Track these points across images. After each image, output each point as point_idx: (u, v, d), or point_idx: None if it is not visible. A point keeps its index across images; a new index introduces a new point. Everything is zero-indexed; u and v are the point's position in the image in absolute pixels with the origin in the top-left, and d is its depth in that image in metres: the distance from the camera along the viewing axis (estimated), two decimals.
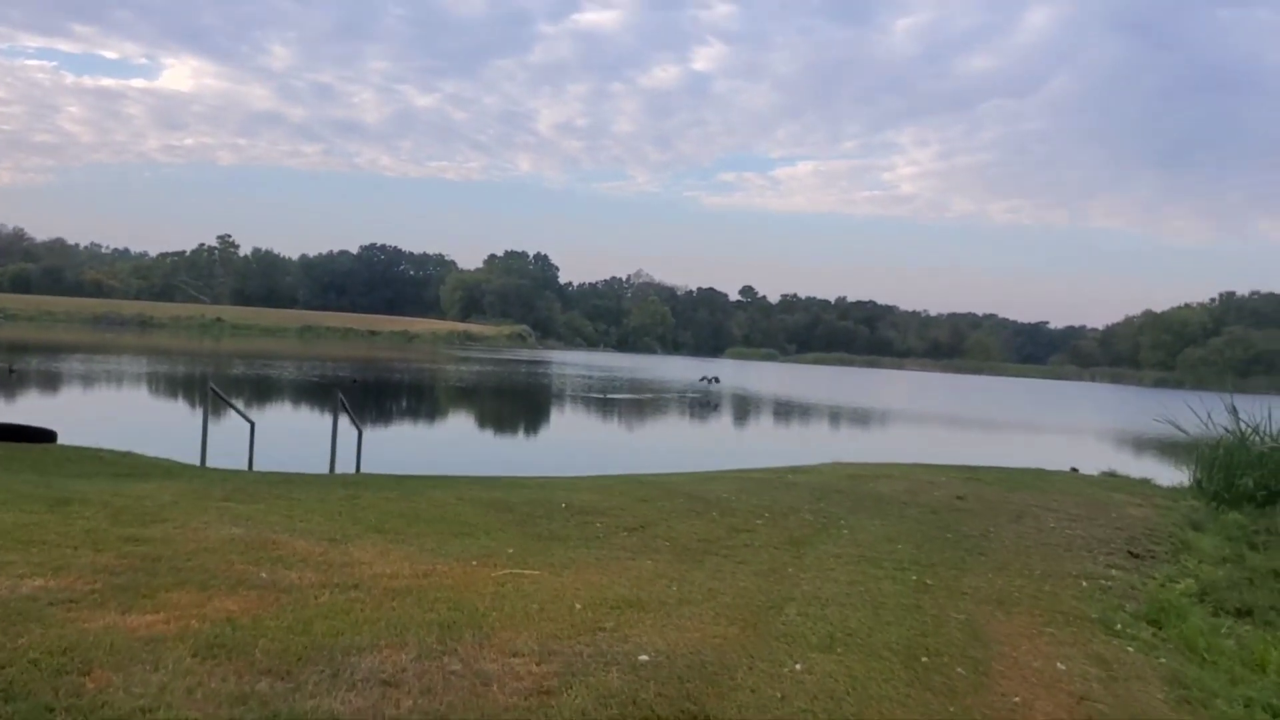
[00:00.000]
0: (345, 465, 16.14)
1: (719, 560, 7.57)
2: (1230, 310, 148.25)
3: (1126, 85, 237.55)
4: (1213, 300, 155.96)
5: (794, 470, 13.63)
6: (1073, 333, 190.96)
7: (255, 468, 15.14)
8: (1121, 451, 32.33)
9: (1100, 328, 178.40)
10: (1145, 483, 15.84)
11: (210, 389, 13.97)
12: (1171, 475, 21.05)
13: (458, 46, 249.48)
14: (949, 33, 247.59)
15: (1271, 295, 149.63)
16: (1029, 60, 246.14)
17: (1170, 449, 33.15)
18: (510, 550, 7.49)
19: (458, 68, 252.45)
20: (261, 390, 37.68)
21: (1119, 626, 6.57)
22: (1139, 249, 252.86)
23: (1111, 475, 16.87)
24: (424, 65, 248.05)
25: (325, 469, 14.81)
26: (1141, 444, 35.40)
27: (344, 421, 15.79)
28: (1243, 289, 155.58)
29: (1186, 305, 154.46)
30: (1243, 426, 14.59)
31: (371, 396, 38.32)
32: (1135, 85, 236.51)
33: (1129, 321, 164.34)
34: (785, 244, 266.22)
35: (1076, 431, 42.27)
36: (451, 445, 23.60)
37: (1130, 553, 9.13)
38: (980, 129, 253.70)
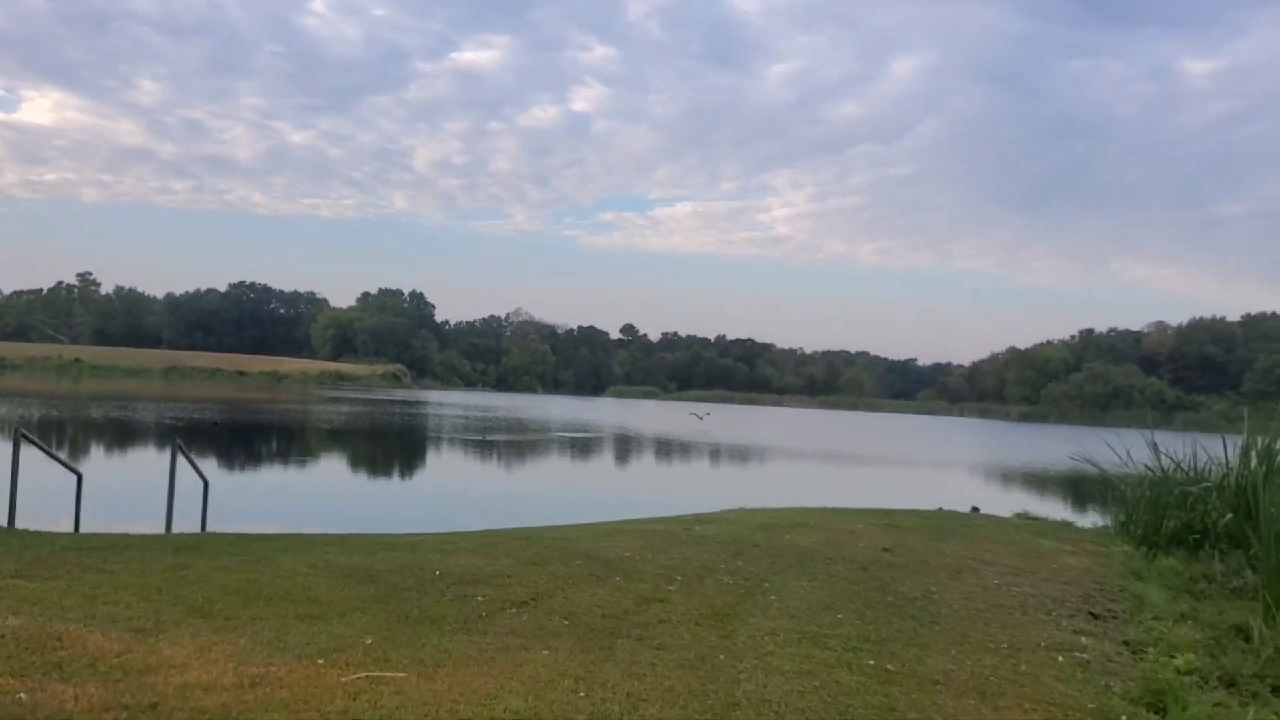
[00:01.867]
0: (189, 522, 14.22)
1: (632, 646, 6.14)
2: (1090, 347, 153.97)
3: (988, 132, 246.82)
4: (1073, 337, 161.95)
5: (699, 519, 12.30)
6: (940, 369, 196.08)
7: (82, 528, 13.13)
8: (1015, 488, 32.08)
9: (967, 364, 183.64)
10: (1067, 525, 15.03)
11: (20, 433, 11.92)
12: (1074, 514, 20.53)
13: (334, 84, 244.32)
14: (821, 80, 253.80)
15: (1127, 332, 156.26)
16: (896, 108, 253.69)
17: (1066, 485, 33.18)
18: (369, 640, 5.94)
19: (333, 104, 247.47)
20: (110, 435, 34.78)
21: (1123, 719, 5.39)
22: (1002, 289, 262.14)
23: (1027, 517, 16.03)
24: (299, 102, 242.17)
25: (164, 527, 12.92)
26: (1032, 480, 35.38)
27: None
28: (1101, 326, 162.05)
29: (1049, 342, 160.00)
30: (1165, 464, 13.84)
31: (234, 440, 35.75)
32: (997, 132, 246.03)
33: (994, 358, 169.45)
34: (665, 283, 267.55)
35: (962, 466, 42.21)
36: (314, 496, 21.61)
37: (1091, 613, 8.05)
38: (851, 173, 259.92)
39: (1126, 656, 6.92)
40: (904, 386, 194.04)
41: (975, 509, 19.68)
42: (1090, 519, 17.88)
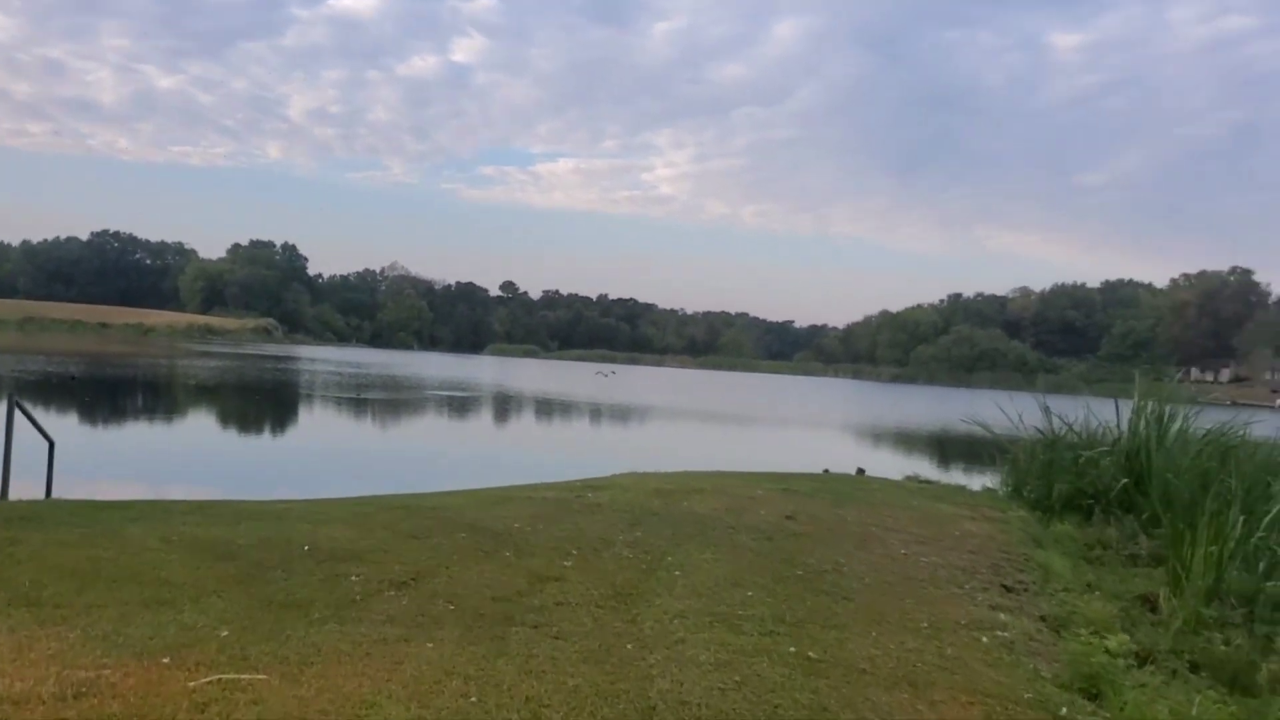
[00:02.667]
0: (32, 488, 12.96)
1: (528, 634, 5.49)
2: (957, 311, 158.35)
3: (866, 99, 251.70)
4: (942, 301, 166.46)
5: (591, 485, 11.68)
6: (816, 331, 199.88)
7: None
8: (896, 449, 32.39)
9: (841, 327, 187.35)
10: (960, 490, 14.89)
11: None
12: (960, 477, 20.63)
13: (205, 27, 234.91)
14: (704, 39, 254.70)
15: (993, 297, 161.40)
16: (778, 70, 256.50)
17: (945, 446, 33.68)
18: (224, 632, 5.17)
19: (205, 49, 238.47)
20: None
21: (1064, 711, 5.00)
22: (876, 253, 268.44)
23: (919, 480, 15.87)
24: (168, 45, 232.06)
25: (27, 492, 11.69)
26: (911, 440, 35.84)
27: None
28: (968, 291, 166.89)
29: (919, 306, 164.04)
30: (1056, 428, 13.78)
31: (92, 395, 33.66)
32: (874, 99, 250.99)
33: (867, 321, 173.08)
34: (547, 240, 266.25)
35: (842, 427, 42.64)
36: (176, 458, 20.28)
37: (1004, 586, 7.74)
38: (733, 135, 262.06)
39: (1047, 635, 6.59)
40: (781, 348, 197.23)
41: (861, 470, 19.59)
42: (975, 481, 17.93)
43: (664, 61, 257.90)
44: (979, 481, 18.84)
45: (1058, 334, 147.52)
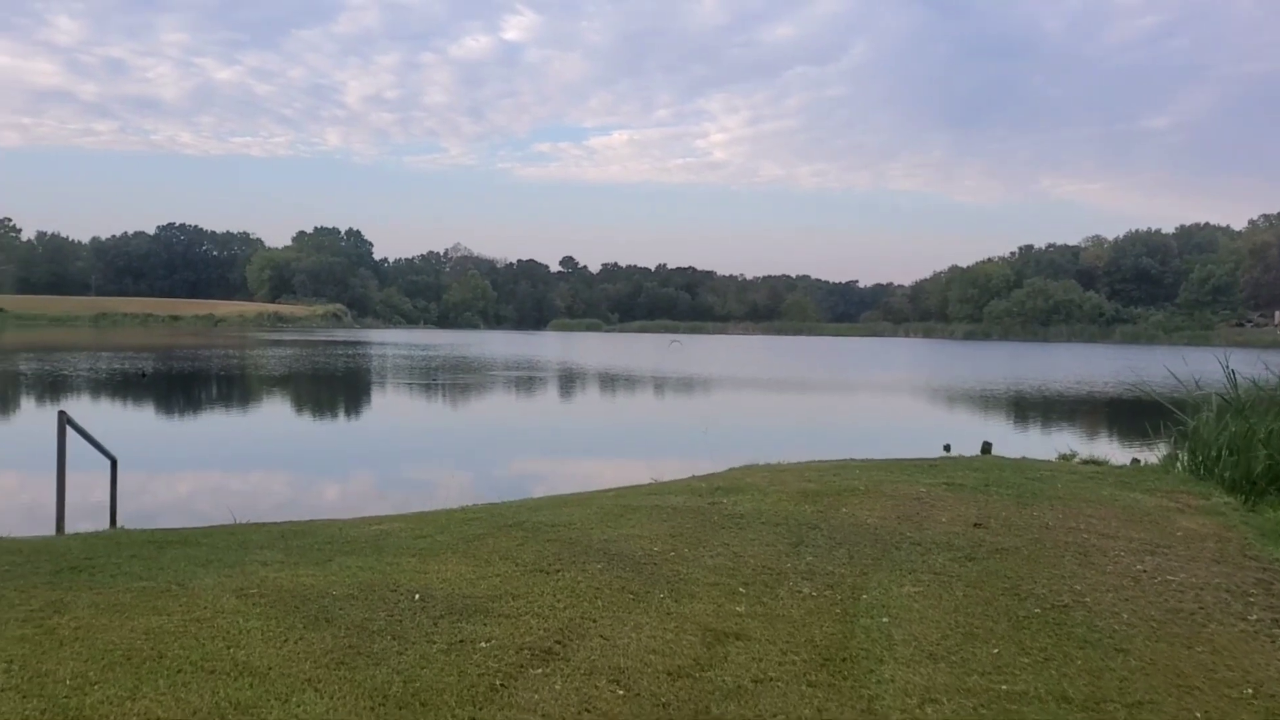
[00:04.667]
0: (96, 507, 11.81)
1: None
2: (1029, 263, 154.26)
3: (920, 51, 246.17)
4: (1013, 254, 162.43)
5: (719, 486, 10.13)
6: (882, 290, 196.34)
7: None
8: (1010, 416, 30.39)
9: (907, 285, 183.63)
10: (1140, 471, 13.05)
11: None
12: (1101, 447, 18.79)
13: (259, 17, 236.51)
14: (753, 2, 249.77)
15: (1065, 247, 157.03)
16: (829, 28, 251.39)
17: (1064, 409, 31.64)
18: None
19: (259, 39, 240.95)
20: (31, 392, 31.75)
21: None
22: (937, 208, 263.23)
23: (1082, 461, 14.08)
24: (224, 37, 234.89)
25: (90, 516, 10.53)
26: (1025, 405, 33.75)
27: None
28: (1039, 242, 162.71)
29: (989, 260, 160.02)
30: (1242, 391, 11.88)
31: (165, 392, 32.93)
32: (928, 51, 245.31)
33: (936, 278, 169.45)
34: (604, 213, 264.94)
35: (939, 391, 40.57)
36: (249, 458, 19.14)
37: None
38: (786, 96, 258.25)
39: None
40: (846, 309, 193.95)
41: (987, 446, 17.88)
42: (1119, 452, 16.13)
43: (714, 27, 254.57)
44: (1123, 454, 17.03)
45: (1132, 282, 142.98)
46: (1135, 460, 15.17)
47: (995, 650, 5.17)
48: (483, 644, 5.14)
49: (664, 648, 5.14)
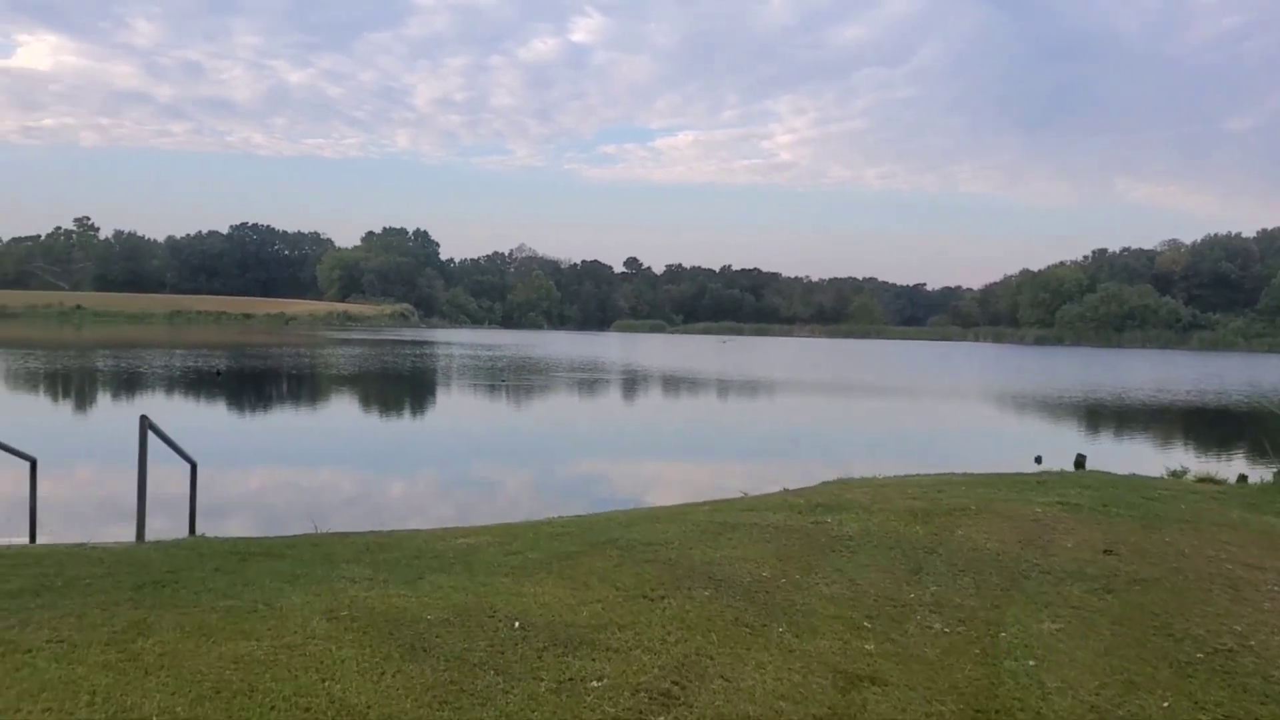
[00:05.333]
0: (174, 513, 11.64)
1: None
2: (1103, 267, 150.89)
3: (990, 53, 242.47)
4: (1086, 258, 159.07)
5: (816, 504, 9.61)
6: (950, 294, 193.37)
7: (39, 532, 10.57)
8: (1098, 426, 29.37)
9: (976, 288, 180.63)
10: (1265, 489, 12.24)
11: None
12: (1199, 461, 17.94)
13: (331, 20, 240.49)
14: (822, 3, 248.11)
15: (1139, 251, 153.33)
16: (899, 29, 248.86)
17: (1152, 420, 30.50)
18: None
19: (332, 42, 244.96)
20: (114, 385, 32.18)
21: None
22: (1006, 210, 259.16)
23: (1200, 480, 13.31)
24: (297, 40, 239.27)
25: (161, 522, 10.33)
26: (1110, 414, 32.63)
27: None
28: (1113, 246, 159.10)
29: (1061, 264, 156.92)
30: None
31: (238, 390, 33.15)
32: (999, 52, 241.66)
33: (1006, 281, 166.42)
34: (668, 214, 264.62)
35: (1021, 399, 39.48)
36: (329, 458, 18.98)
37: None
38: (854, 97, 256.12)
39: None
40: (914, 312, 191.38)
41: (1081, 459, 17.17)
42: (1224, 467, 15.29)
43: (782, 27, 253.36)
44: (1226, 468, 16.19)
45: (1210, 288, 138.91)
46: (1243, 477, 14.38)
47: (1166, 704, 4.62)
48: (594, 683, 4.71)
49: (793, 693, 4.67)
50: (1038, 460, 18.30)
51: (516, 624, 5.54)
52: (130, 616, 5.49)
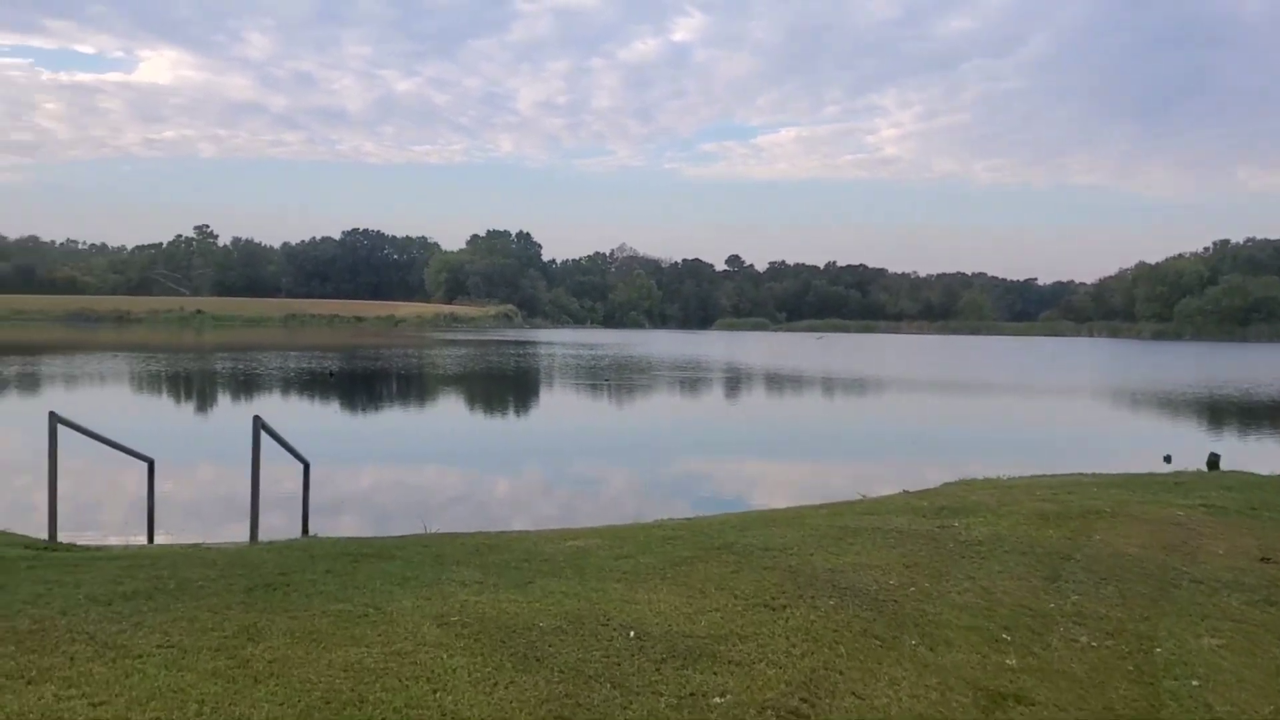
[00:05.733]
0: (287, 513, 11.74)
1: None
2: (1225, 259, 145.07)
3: (1102, 41, 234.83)
4: (1206, 249, 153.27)
5: (941, 507, 9.18)
6: (1062, 288, 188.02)
7: (157, 532, 10.74)
8: (1225, 425, 27.96)
9: (1090, 282, 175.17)
10: None
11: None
12: None
13: (436, 28, 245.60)
14: None
15: (1266, 242, 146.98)
16: (1007, 19, 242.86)
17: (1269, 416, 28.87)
18: None
19: (437, 50, 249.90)
20: (235, 387, 33.12)
21: None
22: (1119, 202, 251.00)
23: None
24: (404, 49, 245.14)
25: (275, 520, 10.41)
26: (1235, 412, 31.07)
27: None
28: (1236, 237, 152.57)
29: (1180, 256, 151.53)
30: None
31: (350, 390, 33.78)
32: (1111, 41, 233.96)
33: (1121, 275, 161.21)
34: (770, 211, 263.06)
35: (1146, 396, 37.93)
36: (436, 457, 19.10)
37: None
38: (961, 89, 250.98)
39: None
40: (1025, 307, 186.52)
41: (1215, 458, 16.28)
42: None
43: (885, 21, 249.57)
44: None
45: None
46: None
47: None
48: (716, 699, 4.44)
49: (932, 711, 4.33)
50: (1167, 459, 17.44)
51: (632, 633, 5.30)
52: (241, 621, 5.41)
